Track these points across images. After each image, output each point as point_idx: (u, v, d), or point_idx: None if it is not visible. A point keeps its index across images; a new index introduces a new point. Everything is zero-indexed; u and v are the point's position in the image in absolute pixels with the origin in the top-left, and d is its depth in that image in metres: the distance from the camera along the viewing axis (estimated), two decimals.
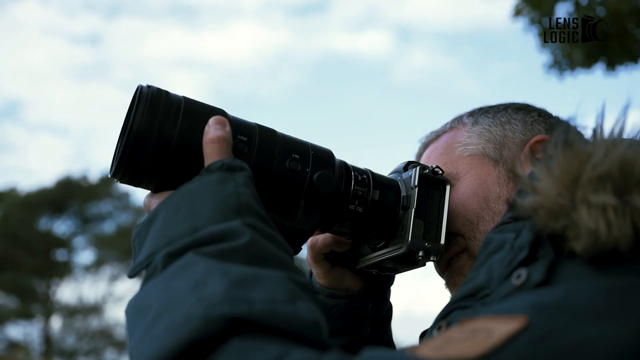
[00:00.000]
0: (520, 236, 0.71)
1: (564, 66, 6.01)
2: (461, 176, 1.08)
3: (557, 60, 6.02)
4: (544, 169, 0.69)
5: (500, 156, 1.09)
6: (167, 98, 0.84)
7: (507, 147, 1.10)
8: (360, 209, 0.97)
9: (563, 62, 5.98)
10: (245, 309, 0.59)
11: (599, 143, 0.68)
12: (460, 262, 1.06)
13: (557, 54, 5.98)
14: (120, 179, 0.85)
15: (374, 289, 1.11)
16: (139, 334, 0.64)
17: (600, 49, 5.70)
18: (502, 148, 1.10)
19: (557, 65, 6.05)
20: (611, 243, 0.61)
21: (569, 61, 5.92)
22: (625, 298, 0.58)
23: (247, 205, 0.74)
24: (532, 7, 5.76)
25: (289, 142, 0.92)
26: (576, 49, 5.71)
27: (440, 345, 0.57)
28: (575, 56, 5.77)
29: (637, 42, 5.73)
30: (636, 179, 0.64)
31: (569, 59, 5.90)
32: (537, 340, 0.54)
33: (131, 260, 0.78)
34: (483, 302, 0.70)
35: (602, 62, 5.85)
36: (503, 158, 1.08)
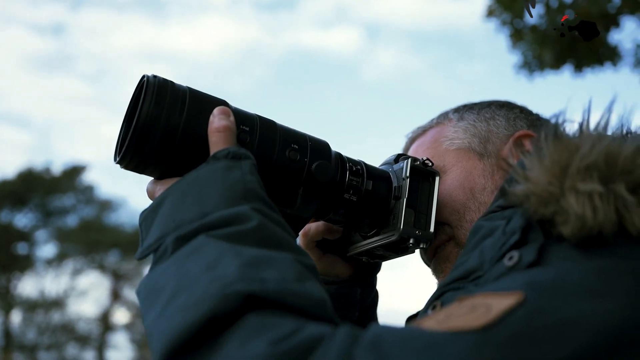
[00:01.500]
0: (511, 222, 0.75)
1: (534, 67, 6.15)
2: (448, 169, 1.13)
3: (527, 61, 6.15)
4: (535, 159, 0.73)
5: (485, 150, 1.14)
6: (173, 88, 0.87)
7: (491, 141, 1.15)
8: (355, 198, 1.01)
9: (533, 63, 6.12)
10: (259, 287, 0.62)
11: (585, 136, 0.73)
12: (447, 249, 1.10)
13: (527, 55, 6.10)
14: (126, 165, 0.87)
15: (362, 276, 1.16)
16: (156, 312, 0.66)
17: (569, 51, 5.84)
18: (487, 142, 1.14)
19: (527, 66, 6.18)
20: (597, 227, 0.65)
21: (539, 62, 6.06)
22: (610, 277, 0.62)
23: (253, 191, 0.77)
24: (504, 8, 5.88)
25: (288, 133, 0.95)
26: (546, 50, 5.85)
27: (442, 319, 0.60)
28: (545, 57, 5.91)
29: (604, 45, 5.89)
30: (620, 169, 0.68)
31: (539, 60, 6.03)
32: (533, 314, 0.57)
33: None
34: (476, 283, 0.74)
35: (571, 63, 5.99)
36: (488, 152, 1.13)
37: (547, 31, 5.75)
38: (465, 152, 1.14)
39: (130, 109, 0.92)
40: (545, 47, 5.83)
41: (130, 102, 0.92)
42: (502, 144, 1.14)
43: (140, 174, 0.89)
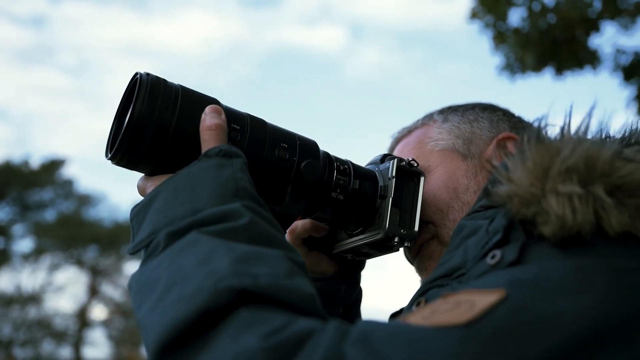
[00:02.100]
0: (494, 221, 0.77)
1: (516, 69, 6.23)
2: (432, 169, 1.15)
3: (509, 62, 6.23)
4: (518, 161, 0.76)
5: (469, 151, 1.16)
6: (166, 86, 0.88)
7: (474, 143, 1.17)
8: (342, 197, 1.02)
9: (515, 65, 6.20)
10: (251, 282, 0.64)
11: (566, 140, 0.75)
12: (430, 248, 1.12)
13: (509, 57, 6.19)
14: (118, 162, 0.88)
15: (347, 273, 1.18)
16: (149, 305, 0.67)
17: (551, 54, 5.93)
18: (470, 144, 1.17)
19: (509, 68, 6.26)
20: (576, 228, 0.68)
21: (521, 64, 6.14)
22: (588, 276, 0.64)
23: (244, 189, 0.79)
24: (488, 10, 5.94)
25: (278, 132, 0.97)
26: (528, 53, 5.93)
27: (428, 315, 0.62)
28: (527, 60, 5.99)
29: (585, 49, 5.99)
30: (599, 172, 0.71)
31: (521, 62, 6.11)
32: (515, 310, 0.60)
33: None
34: (459, 280, 0.76)
35: (552, 66, 6.08)
36: (471, 153, 1.16)
37: (530, 34, 5.83)
38: (450, 153, 1.16)
39: (122, 105, 0.92)
40: (527, 49, 5.91)
41: (122, 99, 0.92)
42: (485, 145, 1.16)
43: (131, 171, 0.90)
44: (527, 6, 5.87)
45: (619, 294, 0.62)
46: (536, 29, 5.80)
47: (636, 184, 0.70)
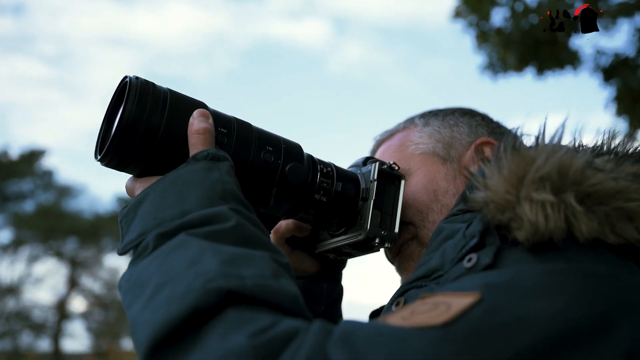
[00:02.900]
0: (471, 226, 0.81)
1: (498, 68, 6.29)
2: (413, 172, 1.18)
3: (491, 62, 6.30)
4: (494, 169, 0.79)
5: (448, 155, 1.20)
6: (155, 89, 0.89)
7: (454, 147, 1.21)
8: (325, 199, 1.06)
9: (497, 64, 6.26)
10: (238, 284, 0.66)
11: (541, 149, 0.79)
12: (410, 248, 1.15)
13: (492, 57, 6.25)
14: (107, 163, 0.90)
15: (328, 271, 1.22)
16: (140, 304, 0.70)
17: (532, 55, 6.00)
18: (450, 148, 1.21)
19: (491, 67, 6.33)
20: (548, 234, 0.71)
21: (503, 64, 6.20)
22: (559, 279, 0.67)
23: (231, 192, 0.81)
24: (471, 10, 5.99)
25: (263, 135, 0.99)
26: (510, 53, 6.00)
27: (407, 316, 0.65)
28: (509, 60, 6.06)
29: (566, 50, 6.07)
30: (570, 181, 0.75)
31: (503, 62, 6.18)
32: (489, 312, 0.63)
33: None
34: (437, 282, 0.80)
35: (533, 66, 6.15)
36: (450, 157, 1.20)
37: (512, 34, 5.90)
38: (430, 156, 1.20)
39: (110, 108, 0.94)
40: (509, 49, 5.97)
41: (111, 101, 0.94)
42: (464, 149, 1.20)
43: (120, 172, 0.92)
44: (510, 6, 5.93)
45: (588, 297, 0.66)
46: (518, 29, 5.86)
47: (605, 193, 0.74)
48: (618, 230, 0.73)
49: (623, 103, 5.97)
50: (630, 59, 6.07)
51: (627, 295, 0.69)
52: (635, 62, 6.06)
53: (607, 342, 0.63)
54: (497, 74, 6.32)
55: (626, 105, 5.96)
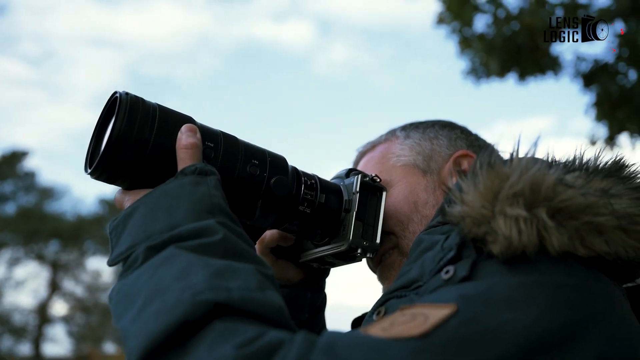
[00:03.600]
0: (449, 238, 0.84)
1: (480, 74, 6.37)
2: (394, 183, 1.22)
3: (474, 67, 6.37)
4: (471, 184, 0.83)
5: (428, 167, 1.24)
6: (144, 105, 0.92)
7: (434, 159, 1.25)
8: (309, 210, 1.09)
9: (480, 69, 6.34)
10: (225, 296, 0.69)
11: (515, 166, 0.82)
12: (391, 258, 1.19)
13: (474, 62, 6.32)
14: (97, 177, 0.92)
15: (312, 280, 1.25)
16: (131, 315, 0.72)
17: (514, 60, 6.08)
18: (430, 160, 1.25)
19: (474, 72, 6.40)
20: (521, 248, 0.75)
21: (485, 69, 6.28)
22: (531, 291, 0.71)
23: (218, 206, 0.84)
24: (454, 16, 6.05)
25: (249, 149, 1.02)
26: (492, 58, 6.07)
27: (387, 327, 0.68)
28: (491, 65, 6.13)
29: (547, 56, 6.16)
30: (542, 197, 0.78)
31: (486, 68, 6.25)
32: (464, 323, 0.66)
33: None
34: (416, 292, 0.83)
35: (515, 72, 6.23)
36: (430, 169, 1.24)
37: (494, 40, 5.97)
38: (410, 168, 1.24)
39: (100, 123, 0.97)
40: (491, 55, 6.05)
41: (101, 116, 0.97)
42: (443, 162, 1.24)
43: (110, 185, 0.94)
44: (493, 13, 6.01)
45: (558, 308, 0.69)
46: (500, 36, 5.94)
47: (575, 208, 0.77)
48: (588, 243, 0.77)
49: (602, 108, 6.06)
50: (610, 65, 6.17)
51: (596, 306, 0.73)
52: (614, 69, 6.16)
53: (576, 351, 0.67)
54: (480, 79, 6.40)
55: (605, 111, 6.05)
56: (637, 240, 0.79)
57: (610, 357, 0.69)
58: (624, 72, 6.11)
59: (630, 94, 5.94)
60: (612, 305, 0.76)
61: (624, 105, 5.94)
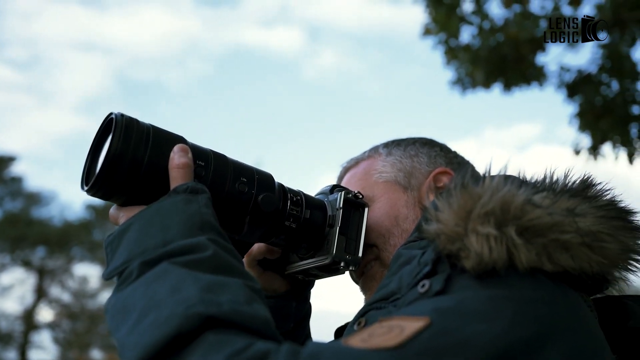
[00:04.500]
0: (425, 254, 0.90)
1: (466, 84, 6.45)
2: (376, 199, 1.29)
3: (460, 77, 6.45)
4: (445, 203, 0.89)
5: (409, 184, 1.31)
6: (139, 125, 0.97)
7: (414, 176, 1.32)
8: (294, 225, 1.14)
9: (465, 80, 6.42)
10: (216, 310, 0.74)
11: (486, 186, 0.88)
12: (373, 270, 1.25)
13: (460, 72, 6.39)
14: (94, 193, 0.97)
15: (297, 291, 1.31)
16: (127, 328, 0.77)
17: (499, 71, 6.17)
18: (411, 177, 1.32)
19: (459, 82, 6.48)
20: (491, 263, 0.81)
21: (471, 80, 6.36)
22: (500, 304, 0.76)
23: (208, 223, 0.89)
24: (440, 27, 6.14)
25: (238, 167, 1.08)
26: (478, 69, 6.16)
27: (366, 338, 0.73)
28: (477, 76, 6.22)
29: (532, 67, 6.24)
30: (512, 216, 0.84)
31: (471, 78, 6.34)
32: (437, 335, 0.71)
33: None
34: (394, 304, 0.88)
35: (500, 82, 6.32)
36: (411, 185, 1.30)
37: (479, 51, 6.06)
38: (392, 184, 1.30)
39: (96, 141, 1.02)
40: (477, 66, 6.13)
41: (96, 135, 1.02)
42: (423, 178, 1.31)
43: (105, 201, 0.99)
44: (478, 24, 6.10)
45: (525, 320, 0.75)
46: (486, 47, 6.03)
47: (542, 226, 0.83)
48: (555, 259, 0.82)
49: (586, 119, 6.14)
50: (593, 75, 6.26)
51: (561, 318, 0.79)
52: (597, 79, 6.25)
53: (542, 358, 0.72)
54: (466, 90, 6.49)
55: (589, 121, 6.13)
56: (601, 255, 0.85)
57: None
58: (606, 82, 6.20)
59: (613, 105, 6.03)
60: (577, 318, 0.81)
61: (606, 115, 6.03)
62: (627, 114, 6.04)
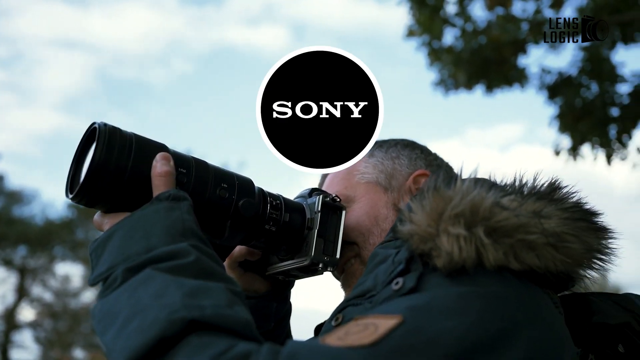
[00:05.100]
0: (399, 253, 0.94)
1: (449, 85, 6.52)
2: (358, 199, 1.33)
3: (443, 79, 6.52)
4: (419, 205, 0.93)
5: (390, 185, 1.34)
6: (121, 135, 1.00)
7: (395, 177, 1.36)
8: (274, 229, 1.18)
9: (448, 81, 6.49)
10: (198, 314, 0.77)
11: (457, 189, 0.93)
12: (353, 267, 1.29)
13: (443, 74, 6.47)
14: (79, 201, 0.99)
15: (278, 291, 1.34)
16: (113, 333, 0.80)
17: (481, 73, 6.24)
18: (392, 178, 1.35)
19: (442, 84, 6.55)
20: (461, 262, 0.85)
21: (454, 81, 6.43)
22: (468, 301, 0.80)
23: (190, 229, 0.92)
24: (424, 29, 6.20)
25: (219, 173, 1.10)
26: (460, 71, 6.23)
27: (342, 336, 0.76)
28: (459, 77, 6.29)
29: (514, 69, 6.32)
30: (480, 217, 0.88)
31: (454, 79, 6.41)
32: (409, 332, 0.75)
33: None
34: (370, 301, 0.91)
35: (482, 84, 6.39)
36: (392, 186, 1.34)
37: (462, 53, 6.13)
38: (373, 185, 1.34)
39: (79, 150, 1.04)
40: (459, 67, 6.20)
41: (80, 144, 1.04)
42: (404, 179, 1.35)
43: (90, 208, 1.01)
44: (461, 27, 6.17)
45: (491, 316, 0.79)
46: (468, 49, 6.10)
47: (509, 227, 0.88)
48: (521, 258, 0.87)
49: (565, 120, 6.24)
50: (573, 77, 6.36)
51: (526, 313, 0.83)
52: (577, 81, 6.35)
53: (506, 353, 0.77)
54: (449, 90, 6.55)
55: (568, 123, 6.23)
56: (565, 255, 0.90)
57: (537, 358, 0.79)
58: (586, 85, 6.30)
59: (592, 107, 6.13)
60: (540, 314, 0.86)
61: (586, 117, 6.13)
62: (606, 115, 6.15)
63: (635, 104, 6.00)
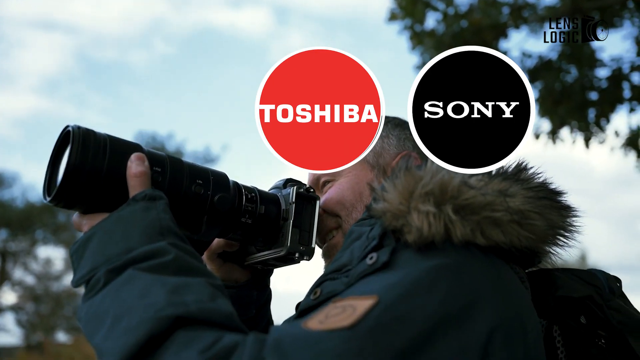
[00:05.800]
0: (373, 230, 0.98)
1: None
2: (345, 173, 1.37)
3: (425, 62, 6.52)
4: (391, 185, 0.98)
5: (377, 163, 1.38)
6: (95, 137, 1.00)
7: (382, 156, 1.39)
8: (250, 221, 1.21)
9: None
10: (183, 310, 0.80)
11: (427, 170, 0.98)
12: (335, 239, 1.34)
13: (425, 57, 6.48)
14: (56, 204, 1.00)
15: (257, 280, 1.37)
16: (102, 334, 0.83)
17: None
18: (379, 157, 1.39)
19: None
20: (430, 237, 0.90)
21: None
22: (437, 274, 0.85)
23: (168, 228, 0.95)
24: (406, 13, 6.20)
25: (193, 170, 1.12)
26: None
27: (322, 319, 0.80)
28: None
29: None
30: (449, 196, 0.93)
31: None
32: (385, 310, 0.79)
33: None
34: (346, 275, 0.95)
35: None
36: (379, 164, 1.38)
37: (444, 37, 6.14)
38: (361, 162, 1.36)
39: (54, 153, 1.04)
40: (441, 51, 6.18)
41: (55, 147, 1.04)
42: (390, 159, 1.38)
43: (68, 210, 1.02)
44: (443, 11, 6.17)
45: (458, 290, 0.84)
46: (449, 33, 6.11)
47: (476, 205, 0.93)
48: (487, 234, 0.92)
49: (545, 104, 6.30)
50: (553, 61, 6.41)
51: (491, 285, 0.89)
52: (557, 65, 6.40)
53: (473, 322, 0.82)
54: None
55: (548, 107, 6.30)
56: (529, 232, 0.95)
57: (501, 326, 0.84)
58: (566, 69, 6.36)
59: (571, 91, 6.20)
60: (505, 286, 0.91)
61: (565, 101, 6.20)
62: (584, 99, 6.21)
63: (613, 88, 6.07)
